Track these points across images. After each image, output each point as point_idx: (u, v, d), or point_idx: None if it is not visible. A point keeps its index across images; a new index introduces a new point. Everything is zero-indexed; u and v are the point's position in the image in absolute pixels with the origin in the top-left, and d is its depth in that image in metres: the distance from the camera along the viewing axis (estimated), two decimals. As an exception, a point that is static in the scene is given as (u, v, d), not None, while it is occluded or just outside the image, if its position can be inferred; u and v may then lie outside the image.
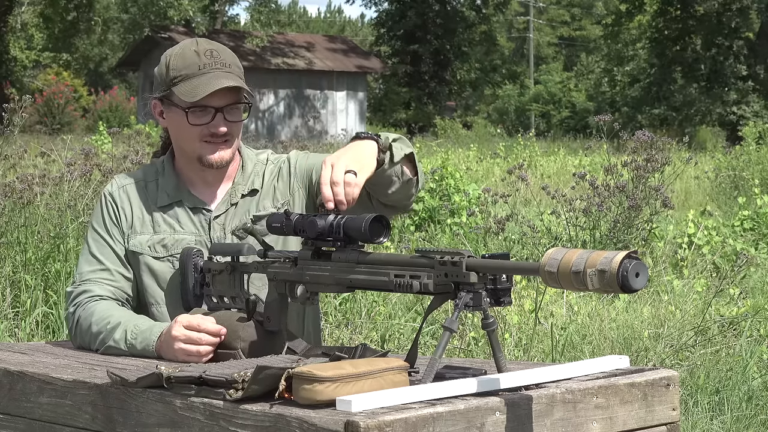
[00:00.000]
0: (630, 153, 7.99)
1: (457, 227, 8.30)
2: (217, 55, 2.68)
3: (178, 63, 2.68)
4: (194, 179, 2.76)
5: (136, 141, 10.96)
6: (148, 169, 2.82)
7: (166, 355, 2.48)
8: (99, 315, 2.63)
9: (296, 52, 34.77)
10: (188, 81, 2.65)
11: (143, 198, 2.76)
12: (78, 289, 2.71)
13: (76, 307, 2.69)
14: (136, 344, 2.55)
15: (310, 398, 1.88)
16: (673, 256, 7.58)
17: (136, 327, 2.57)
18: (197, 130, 2.67)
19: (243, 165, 2.78)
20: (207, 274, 2.57)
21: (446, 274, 2.00)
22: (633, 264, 1.77)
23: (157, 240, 2.71)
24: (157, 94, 2.73)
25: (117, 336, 2.58)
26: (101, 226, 2.76)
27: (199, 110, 2.66)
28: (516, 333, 5.28)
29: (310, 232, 2.24)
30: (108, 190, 2.79)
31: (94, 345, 2.63)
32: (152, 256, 2.70)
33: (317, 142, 23.91)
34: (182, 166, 2.77)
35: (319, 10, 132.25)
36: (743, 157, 14.51)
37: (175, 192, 2.75)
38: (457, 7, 41.44)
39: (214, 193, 2.76)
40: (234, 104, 2.69)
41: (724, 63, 34.27)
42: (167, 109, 2.72)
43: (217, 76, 2.65)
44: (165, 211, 2.74)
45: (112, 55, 51.88)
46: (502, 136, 31.60)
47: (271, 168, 2.79)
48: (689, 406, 4.59)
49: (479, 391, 1.93)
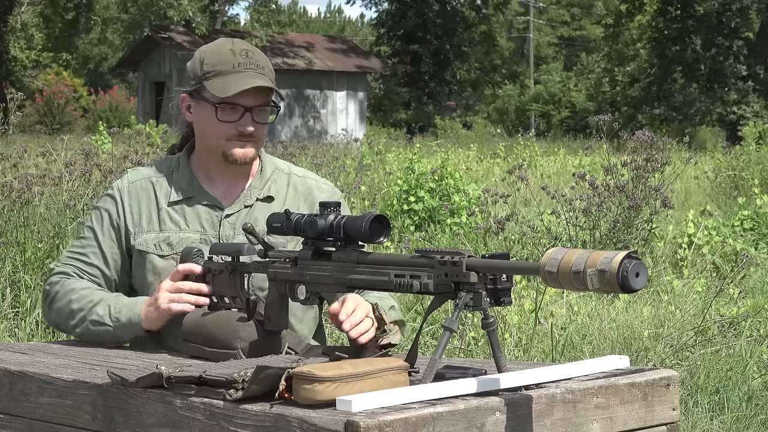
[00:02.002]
0: (630, 153, 7.99)
1: (457, 227, 8.30)
2: (251, 55, 2.70)
3: (212, 59, 2.70)
4: (213, 176, 2.77)
5: (136, 141, 10.97)
6: (161, 165, 2.83)
7: (154, 321, 2.58)
8: (79, 293, 2.69)
9: (296, 52, 34.76)
10: (221, 77, 2.67)
11: (153, 195, 2.76)
12: (58, 269, 2.78)
13: (52, 285, 2.76)
14: (121, 317, 2.62)
15: (310, 398, 1.88)
16: (673, 256, 7.58)
17: (117, 302, 2.66)
18: (224, 127, 2.69)
19: (262, 168, 2.80)
20: (207, 274, 2.58)
21: (446, 274, 2.01)
22: (633, 264, 1.78)
23: (163, 238, 2.73)
24: (187, 87, 2.75)
25: (100, 311, 2.65)
26: (98, 220, 2.79)
27: (229, 107, 2.68)
28: (516, 333, 5.28)
29: (311, 232, 2.25)
30: (118, 186, 2.80)
31: (72, 321, 2.69)
32: (158, 254, 2.72)
33: (317, 142, 23.90)
34: (202, 162, 2.78)
35: (319, 10, 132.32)
36: (743, 157, 14.50)
37: (188, 188, 2.76)
38: (457, 7, 41.42)
39: (230, 191, 2.77)
40: (263, 106, 2.71)
41: (724, 63, 34.25)
42: (196, 103, 2.74)
43: (251, 75, 2.67)
44: (174, 208, 2.75)
45: (112, 55, 51.85)
46: (502, 136, 31.60)
47: (295, 185, 2.80)
48: (689, 406, 4.59)
49: (479, 391, 1.93)
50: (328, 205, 2.25)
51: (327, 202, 2.25)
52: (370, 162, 13.40)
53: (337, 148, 19.29)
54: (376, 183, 11.55)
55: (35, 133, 26.08)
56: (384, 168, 12.98)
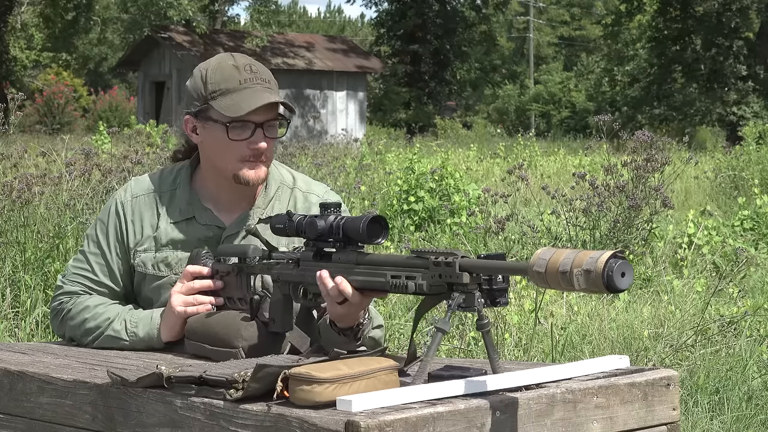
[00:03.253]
0: (630, 153, 7.99)
1: (457, 227, 8.30)
2: (256, 69, 2.62)
3: (216, 77, 2.60)
4: (220, 197, 2.69)
5: (136, 141, 10.96)
6: (165, 178, 2.75)
7: (172, 327, 2.56)
8: (94, 310, 2.66)
9: (296, 52, 34.74)
10: (229, 95, 2.58)
11: (154, 211, 2.71)
12: (65, 288, 2.74)
13: (62, 303, 2.73)
14: (138, 331, 2.60)
15: (308, 399, 1.88)
16: (673, 256, 7.58)
17: (133, 316, 2.63)
18: (237, 146, 2.59)
19: (267, 185, 2.72)
20: (215, 275, 2.57)
21: (440, 274, 2.00)
22: (618, 264, 1.77)
23: (161, 258, 2.68)
24: (192, 109, 2.64)
25: (117, 326, 2.62)
26: (103, 233, 2.74)
27: (239, 125, 2.58)
28: (516, 333, 5.28)
29: (311, 233, 2.25)
30: (120, 199, 2.73)
31: (89, 337, 2.66)
32: (156, 275, 2.69)
33: (317, 142, 23.89)
34: (208, 183, 2.70)
35: (319, 10, 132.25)
36: (743, 157, 14.50)
37: (187, 208, 2.69)
38: (457, 7, 41.40)
39: (233, 210, 2.70)
40: (273, 120, 2.63)
41: (724, 63, 34.23)
42: (203, 123, 2.63)
43: (260, 91, 2.59)
44: (174, 227, 2.69)
45: (112, 55, 51.84)
46: (502, 136, 31.61)
47: (295, 197, 2.73)
48: (689, 406, 4.59)
49: (479, 391, 1.93)
50: (328, 206, 2.25)
51: (327, 203, 2.25)
52: (370, 162, 13.40)
53: (337, 148, 19.29)
54: (376, 183, 11.55)
55: (35, 133, 26.08)
56: (384, 168, 12.98)
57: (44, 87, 37.05)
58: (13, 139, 8.05)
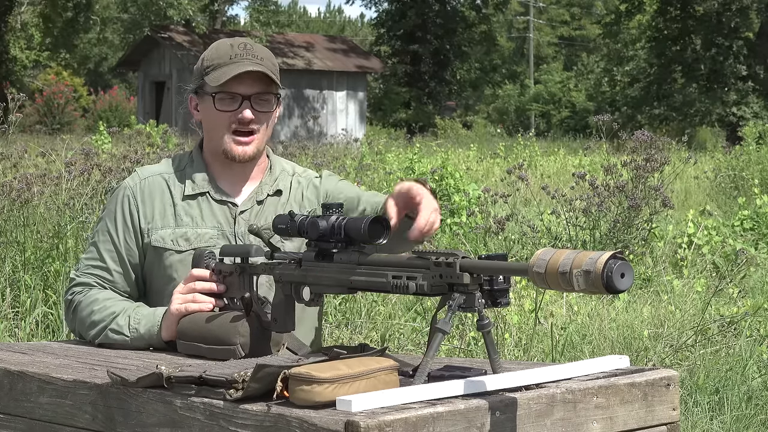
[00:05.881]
0: (630, 153, 7.99)
1: (457, 227, 8.30)
2: (250, 48, 2.72)
3: (211, 54, 2.73)
4: (221, 173, 2.77)
5: (136, 141, 10.97)
6: (173, 161, 2.83)
7: (171, 326, 2.56)
8: (102, 303, 2.68)
9: (296, 52, 34.75)
10: (219, 69, 2.69)
11: (166, 190, 2.75)
12: (78, 279, 2.77)
13: (74, 295, 2.75)
14: (140, 328, 2.61)
15: (308, 399, 1.88)
16: (673, 256, 7.58)
17: (137, 312, 2.65)
18: (225, 117, 2.69)
19: (271, 167, 2.82)
20: (218, 275, 2.58)
21: (441, 275, 2.00)
22: (618, 264, 1.77)
23: (180, 234, 2.72)
24: (192, 86, 2.77)
25: (121, 321, 2.64)
26: (112, 221, 2.76)
27: (227, 97, 2.69)
28: (516, 333, 5.28)
29: (312, 233, 2.25)
30: (128, 183, 2.78)
31: (92, 331, 2.68)
32: (175, 250, 2.71)
33: (317, 142, 23.90)
34: (210, 160, 2.79)
35: (319, 10, 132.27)
36: (743, 157, 14.51)
37: (202, 182, 2.76)
38: (457, 7, 41.42)
39: (240, 189, 2.78)
40: (262, 93, 2.71)
41: (724, 63, 34.25)
42: (200, 99, 2.75)
43: (246, 64, 2.68)
44: (189, 203, 2.74)
45: (112, 54, 51.86)
46: (502, 136, 31.62)
47: (298, 180, 2.83)
48: (689, 406, 4.59)
49: (479, 391, 1.93)
50: (330, 206, 2.25)
51: (329, 204, 2.25)
52: (370, 162, 13.41)
53: (337, 148, 19.31)
54: (376, 183, 11.55)
55: (35, 133, 26.08)
56: (384, 168, 12.98)
57: (44, 87, 37.07)
58: (13, 139, 8.05)
